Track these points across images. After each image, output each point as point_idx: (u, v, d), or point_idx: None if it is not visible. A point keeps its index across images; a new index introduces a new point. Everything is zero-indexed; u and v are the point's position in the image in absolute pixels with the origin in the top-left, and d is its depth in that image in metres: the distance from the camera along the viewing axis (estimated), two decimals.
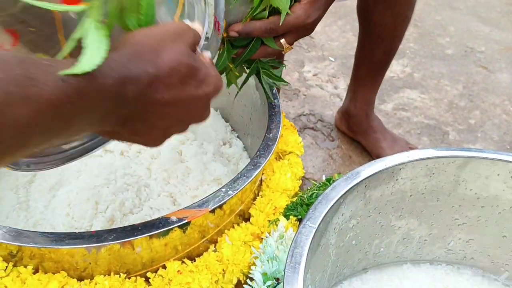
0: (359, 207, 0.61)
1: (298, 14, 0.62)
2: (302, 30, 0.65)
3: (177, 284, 0.55)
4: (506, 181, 0.63)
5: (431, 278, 0.72)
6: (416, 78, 1.57)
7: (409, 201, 0.65)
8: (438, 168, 0.62)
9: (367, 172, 0.59)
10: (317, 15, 0.64)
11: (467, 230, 0.69)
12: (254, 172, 0.59)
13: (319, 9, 0.64)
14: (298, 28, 0.63)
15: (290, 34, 0.64)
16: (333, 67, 1.63)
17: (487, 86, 1.54)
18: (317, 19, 0.65)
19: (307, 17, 0.62)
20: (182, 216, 0.53)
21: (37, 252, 0.54)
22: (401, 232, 0.69)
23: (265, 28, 0.60)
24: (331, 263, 0.65)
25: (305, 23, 0.63)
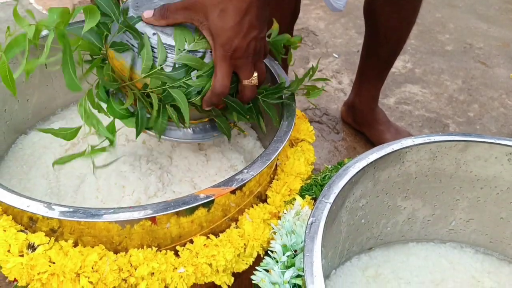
0: (368, 187, 0.67)
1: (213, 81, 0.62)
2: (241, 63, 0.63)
3: (203, 256, 0.61)
4: (503, 163, 0.68)
5: (436, 255, 0.78)
6: (417, 74, 1.63)
7: (414, 182, 0.71)
8: (441, 151, 0.68)
9: (376, 155, 0.64)
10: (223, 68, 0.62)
11: (467, 211, 0.75)
12: (272, 155, 0.65)
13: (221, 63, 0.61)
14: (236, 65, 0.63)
15: (241, 71, 0.64)
16: (337, 63, 1.69)
17: (486, 81, 1.59)
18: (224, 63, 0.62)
19: (216, 76, 0.62)
20: (210, 194, 0.59)
21: (77, 228, 0.59)
22: (406, 212, 0.75)
23: (209, 99, 0.63)
24: (342, 240, 0.70)
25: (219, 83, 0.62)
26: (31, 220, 0.61)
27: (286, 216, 0.62)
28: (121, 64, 0.62)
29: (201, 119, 0.70)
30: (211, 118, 0.70)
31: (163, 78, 0.60)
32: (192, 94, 0.62)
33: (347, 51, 1.73)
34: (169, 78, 0.60)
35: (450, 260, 0.77)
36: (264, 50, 0.67)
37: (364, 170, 0.63)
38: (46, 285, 0.57)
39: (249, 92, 0.67)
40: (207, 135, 0.72)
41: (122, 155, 0.82)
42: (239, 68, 0.64)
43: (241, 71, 0.64)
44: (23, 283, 0.57)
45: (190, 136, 0.71)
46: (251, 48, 0.63)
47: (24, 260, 0.56)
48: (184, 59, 0.60)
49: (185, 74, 0.60)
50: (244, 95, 0.67)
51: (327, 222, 0.58)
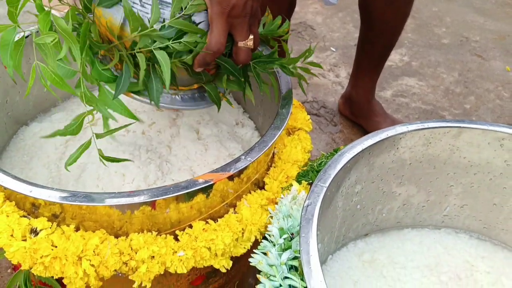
0: (363, 173, 0.68)
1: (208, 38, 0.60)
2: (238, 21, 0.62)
3: (202, 240, 0.62)
4: (496, 149, 0.70)
5: (431, 241, 0.79)
6: (414, 67, 1.64)
7: (408, 169, 0.72)
8: (435, 137, 0.69)
9: (371, 141, 0.66)
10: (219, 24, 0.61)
11: (461, 196, 0.76)
12: (269, 142, 0.66)
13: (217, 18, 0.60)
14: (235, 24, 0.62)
15: (238, 31, 0.62)
16: (334, 56, 1.70)
17: (482, 73, 1.61)
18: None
19: (212, 33, 0.61)
20: (208, 179, 0.60)
21: (78, 213, 0.61)
22: (401, 199, 0.76)
23: (203, 58, 0.61)
24: (338, 225, 0.72)
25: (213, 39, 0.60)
26: (33, 206, 0.62)
27: (283, 201, 0.63)
28: (109, 22, 0.60)
29: (190, 86, 0.68)
30: (200, 87, 0.69)
31: (154, 37, 0.58)
32: (184, 53, 0.60)
33: (345, 45, 1.75)
34: (160, 38, 0.58)
35: (444, 246, 0.78)
36: (258, 15, 0.66)
37: (359, 155, 0.64)
38: (49, 268, 0.58)
39: (244, 55, 0.65)
40: (196, 104, 0.70)
41: (123, 144, 0.83)
42: (235, 27, 0.62)
43: (237, 31, 0.63)
44: (26, 267, 0.58)
45: (178, 103, 0.69)
46: (248, 7, 0.61)
47: (27, 244, 0.58)
48: (178, 24, 0.58)
49: (174, 34, 0.58)
50: (239, 58, 0.65)
51: (323, 206, 0.60)
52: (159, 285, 0.70)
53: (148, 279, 0.61)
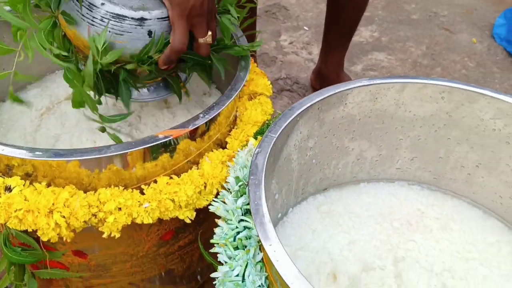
0: (315, 127, 0.73)
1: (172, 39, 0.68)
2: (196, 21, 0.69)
3: (166, 193, 0.67)
4: (437, 101, 0.75)
5: (385, 193, 0.85)
6: (383, 42, 1.70)
7: (358, 124, 0.78)
8: (380, 93, 0.75)
9: (319, 96, 0.71)
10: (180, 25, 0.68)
11: (410, 149, 0.82)
12: (227, 101, 0.71)
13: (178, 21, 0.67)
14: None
15: (197, 29, 0.69)
16: (308, 35, 1.75)
17: (449, 46, 1.67)
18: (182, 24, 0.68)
19: (174, 34, 0.68)
20: (168, 134, 0.65)
21: (49, 171, 0.65)
22: (354, 153, 0.82)
23: (168, 57, 0.68)
24: (295, 178, 0.77)
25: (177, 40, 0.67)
26: (7, 167, 0.67)
27: (240, 154, 0.69)
28: (73, 34, 0.67)
29: (155, 79, 0.75)
30: (163, 78, 0.76)
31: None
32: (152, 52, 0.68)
33: (317, 24, 1.80)
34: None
35: (398, 197, 0.84)
36: (214, 10, 0.73)
37: (308, 110, 0.69)
38: (23, 221, 0.63)
39: (204, 50, 0.73)
40: (161, 94, 0.78)
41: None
42: (195, 26, 0.69)
43: (197, 30, 0.70)
44: (2, 221, 0.63)
45: (145, 96, 0.78)
46: (205, 7, 0.68)
47: (2, 200, 0.63)
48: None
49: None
50: (200, 53, 0.73)
51: (274, 154, 0.65)
52: (130, 239, 0.75)
53: (116, 230, 0.66)
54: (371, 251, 0.75)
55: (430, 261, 0.73)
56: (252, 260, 0.58)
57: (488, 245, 0.76)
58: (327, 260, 0.73)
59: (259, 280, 0.57)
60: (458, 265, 0.73)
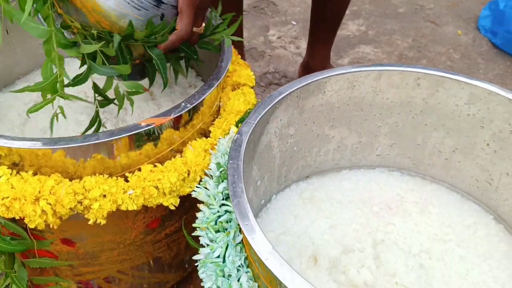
0: (294, 115, 0.75)
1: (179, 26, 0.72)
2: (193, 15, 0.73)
3: (150, 180, 0.69)
4: (413, 88, 0.78)
5: (366, 179, 0.87)
6: (370, 35, 1.72)
7: (337, 111, 0.80)
8: (358, 80, 0.77)
9: (298, 84, 0.73)
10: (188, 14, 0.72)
11: (389, 136, 0.84)
12: (208, 90, 0.73)
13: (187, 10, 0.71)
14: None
15: (197, 19, 0.74)
16: (295, 29, 1.77)
17: (435, 38, 1.69)
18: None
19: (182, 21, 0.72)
20: (150, 122, 0.67)
21: (35, 161, 0.67)
22: (335, 141, 0.84)
23: (173, 43, 0.72)
24: (277, 166, 0.79)
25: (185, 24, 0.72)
26: None
27: (221, 141, 0.71)
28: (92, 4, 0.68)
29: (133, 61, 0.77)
30: (139, 63, 0.77)
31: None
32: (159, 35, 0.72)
33: (305, 18, 1.82)
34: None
35: (378, 182, 0.87)
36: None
37: (287, 97, 0.71)
38: (10, 209, 0.65)
39: (195, 39, 0.78)
40: (134, 78, 0.79)
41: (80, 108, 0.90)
42: (196, 17, 0.73)
43: (196, 20, 0.74)
44: None
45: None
46: (209, 0, 0.75)
47: None
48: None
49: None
50: (192, 41, 0.78)
51: (254, 142, 0.67)
52: (117, 227, 0.77)
53: (101, 216, 0.68)
54: (351, 235, 0.77)
55: (408, 243, 0.76)
56: (232, 241, 0.60)
57: (465, 227, 0.79)
58: (309, 244, 0.75)
59: (239, 260, 0.59)
60: (435, 247, 0.75)
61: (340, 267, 0.71)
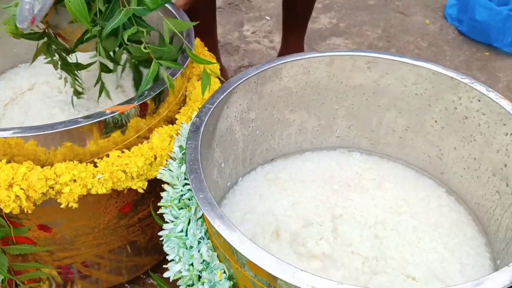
0: (254, 100, 0.80)
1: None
2: None
3: (118, 165, 0.74)
4: (364, 71, 0.83)
5: (328, 160, 0.92)
6: (341, 27, 1.77)
7: (295, 96, 0.85)
8: (312, 66, 0.82)
9: (255, 71, 0.78)
10: None
11: (346, 118, 0.89)
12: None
13: None
14: None
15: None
16: (269, 24, 1.82)
17: (403, 28, 1.75)
18: None
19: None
20: (115, 110, 0.72)
21: (8, 150, 0.71)
22: (296, 124, 0.89)
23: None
24: (241, 149, 0.84)
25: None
26: None
27: (184, 126, 0.75)
28: None
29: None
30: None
31: None
32: None
33: (278, 13, 1.86)
34: None
35: (338, 162, 0.92)
36: None
37: (244, 83, 0.76)
38: None
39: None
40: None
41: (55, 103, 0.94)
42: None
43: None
44: None
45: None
46: None
47: None
48: None
49: None
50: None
51: (214, 125, 0.72)
52: (90, 212, 0.81)
53: (73, 200, 0.72)
54: (312, 211, 0.82)
55: (365, 216, 0.81)
56: (194, 216, 0.65)
57: (418, 200, 0.84)
58: (272, 221, 0.80)
59: (200, 233, 0.64)
60: (390, 218, 0.81)
61: (299, 239, 0.76)
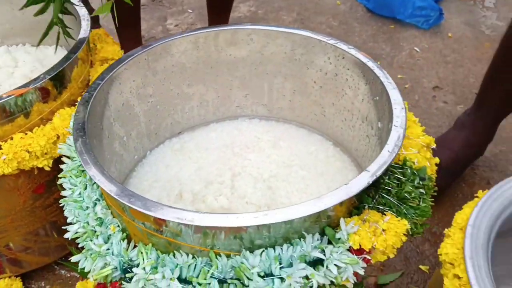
0: (148, 76, 0.87)
1: None
2: None
3: (21, 145, 0.79)
4: (248, 43, 0.92)
5: (230, 128, 1.00)
6: (259, 14, 1.87)
7: (190, 71, 0.92)
8: (200, 41, 0.90)
9: (144, 48, 0.85)
10: None
11: (241, 88, 0.98)
12: (65, 62, 0.84)
13: None
14: None
15: None
16: (192, 17, 1.90)
17: (316, 10, 1.86)
18: None
19: None
20: (11, 94, 0.77)
21: None
22: (196, 98, 0.97)
23: None
24: (144, 123, 0.91)
25: None
26: None
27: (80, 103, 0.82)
28: None
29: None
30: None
31: None
32: None
33: (200, 6, 1.94)
34: None
35: (239, 129, 1.00)
36: None
37: (134, 60, 0.83)
38: None
39: None
40: None
41: None
42: None
43: None
44: None
45: None
46: None
47: None
48: None
49: None
50: None
51: (106, 99, 0.79)
52: (3, 195, 0.86)
53: None
54: (214, 172, 0.90)
55: (260, 171, 0.90)
56: (89, 181, 0.72)
57: (308, 153, 0.94)
58: (176, 185, 0.88)
59: (95, 195, 0.70)
60: (282, 171, 0.90)
61: (200, 197, 0.84)
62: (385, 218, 0.62)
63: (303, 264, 0.59)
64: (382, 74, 0.76)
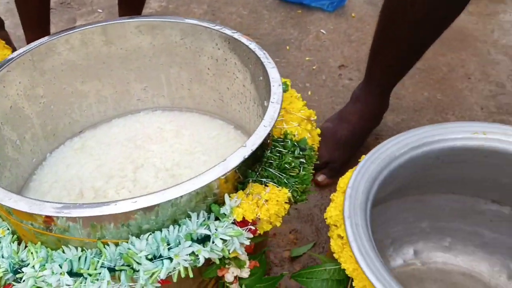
0: (35, 77, 0.86)
1: None
2: None
3: None
4: (138, 35, 0.92)
5: (132, 122, 1.01)
6: (171, 9, 1.87)
7: (82, 68, 0.92)
8: (86, 37, 0.89)
9: (26, 48, 0.83)
10: None
11: (139, 80, 0.99)
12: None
13: None
14: None
15: None
16: (102, 16, 1.86)
17: (227, 1, 1.89)
18: None
19: None
20: None
21: None
22: (92, 95, 0.96)
23: None
24: (39, 125, 0.90)
25: None
26: None
27: None
28: None
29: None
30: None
31: None
32: None
33: (110, 5, 1.91)
34: None
35: (142, 122, 1.01)
36: None
37: (17, 61, 0.82)
38: None
39: None
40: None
41: None
42: None
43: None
44: None
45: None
46: None
47: None
48: None
49: None
50: None
51: None
52: None
53: None
54: (116, 167, 0.90)
55: (163, 161, 0.91)
56: None
57: (210, 139, 0.96)
58: (77, 183, 0.87)
59: None
60: (185, 159, 0.91)
61: (101, 193, 0.85)
62: (266, 189, 0.66)
63: (189, 242, 0.61)
64: (262, 55, 0.79)
